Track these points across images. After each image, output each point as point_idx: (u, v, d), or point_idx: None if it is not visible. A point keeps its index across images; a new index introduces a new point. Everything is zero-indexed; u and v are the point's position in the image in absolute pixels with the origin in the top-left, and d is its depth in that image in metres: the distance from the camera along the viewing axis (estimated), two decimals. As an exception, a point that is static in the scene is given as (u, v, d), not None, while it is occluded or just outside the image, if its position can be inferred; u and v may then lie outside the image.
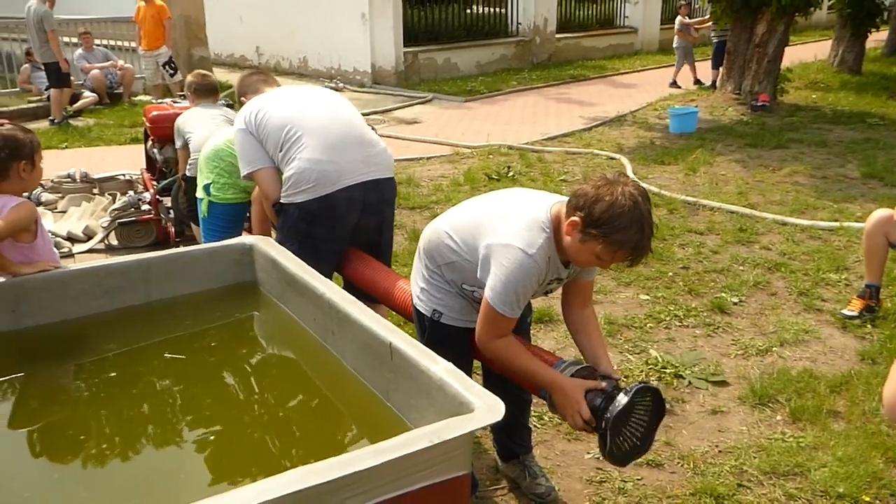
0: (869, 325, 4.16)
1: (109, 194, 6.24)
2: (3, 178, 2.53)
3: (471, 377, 2.24)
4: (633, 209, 2.06)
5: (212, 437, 2.04)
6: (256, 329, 2.77)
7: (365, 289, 2.95)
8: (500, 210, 2.38)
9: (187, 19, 13.49)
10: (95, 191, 6.40)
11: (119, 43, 13.07)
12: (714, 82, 12.55)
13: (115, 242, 5.47)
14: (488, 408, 1.59)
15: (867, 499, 2.81)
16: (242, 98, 3.44)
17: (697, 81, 13.28)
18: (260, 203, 3.24)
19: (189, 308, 2.67)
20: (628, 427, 2.22)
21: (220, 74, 14.14)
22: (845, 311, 4.27)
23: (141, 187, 6.04)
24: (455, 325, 2.49)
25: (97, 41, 12.35)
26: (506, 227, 2.26)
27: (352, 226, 3.01)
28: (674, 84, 13.29)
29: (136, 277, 2.61)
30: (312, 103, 3.15)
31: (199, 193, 3.82)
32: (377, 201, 3.04)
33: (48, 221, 5.79)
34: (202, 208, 3.82)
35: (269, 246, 2.72)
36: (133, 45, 12.42)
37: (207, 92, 4.55)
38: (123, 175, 6.43)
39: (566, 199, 2.25)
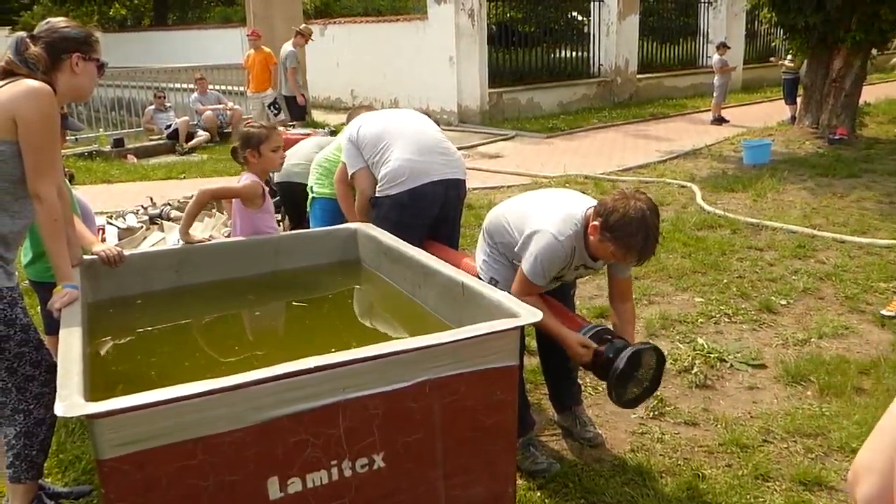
0: (907, 324, 4.52)
1: (226, 211, 7.15)
2: (244, 161, 3.47)
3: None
4: (641, 220, 2.65)
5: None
6: (361, 290, 3.46)
7: None
8: (547, 204, 3.01)
9: (290, 65, 14.72)
10: (214, 209, 7.33)
11: (228, 88, 14.39)
12: (793, 116, 12.82)
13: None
14: (530, 314, 2.21)
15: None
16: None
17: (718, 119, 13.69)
18: (348, 193, 3.93)
19: (307, 277, 3.38)
20: (634, 377, 2.84)
21: (317, 115, 15.33)
22: (884, 311, 4.63)
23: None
24: (507, 290, 3.10)
25: (210, 85, 13.67)
26: (547, 217, 2.90)
27: (433, 216, 3.65)
28: (717, 120, 13.64)
29: (268, 251, 3.35)
30: (402, 117, 3.89)
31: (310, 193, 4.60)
32: (454, 197, 3.69)
33: (176, 233, 6.71)
34: (308, 203, 4.59)
35: (369, 228, 3.43)
36: (241, 88, 13.71)
37: None
38: (238, 197, 7.38)
39: None
